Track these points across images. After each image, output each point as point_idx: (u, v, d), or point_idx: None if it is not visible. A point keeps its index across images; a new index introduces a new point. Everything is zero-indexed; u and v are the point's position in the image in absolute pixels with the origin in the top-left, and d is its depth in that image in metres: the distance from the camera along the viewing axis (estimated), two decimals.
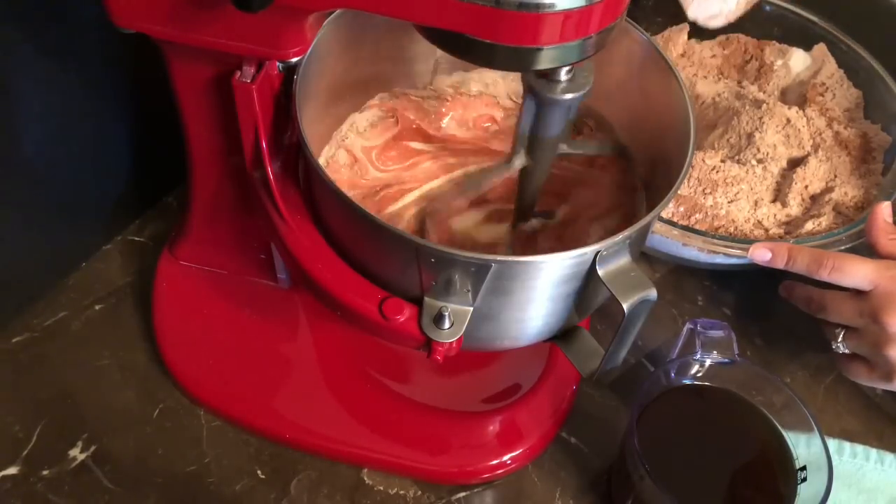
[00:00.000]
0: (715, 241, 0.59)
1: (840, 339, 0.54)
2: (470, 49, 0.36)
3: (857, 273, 0.51)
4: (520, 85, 0.58)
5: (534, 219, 0.51)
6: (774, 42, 0.76)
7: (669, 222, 0.60)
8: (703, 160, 0.65)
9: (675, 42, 0.77)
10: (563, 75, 0.40)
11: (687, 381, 0.52)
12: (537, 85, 0.41)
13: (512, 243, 0.51)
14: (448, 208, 0.51)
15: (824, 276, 0.52)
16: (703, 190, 0.64)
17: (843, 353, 0.55)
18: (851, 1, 0.78)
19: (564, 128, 0.44)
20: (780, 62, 0.75)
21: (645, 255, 0.66)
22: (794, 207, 0.64)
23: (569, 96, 0.41)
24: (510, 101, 0.59)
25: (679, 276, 0.66)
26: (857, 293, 0.52)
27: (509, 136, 0.57)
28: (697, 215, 0.63)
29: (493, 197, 0.52)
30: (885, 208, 0.56)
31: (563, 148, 0.47)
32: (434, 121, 0.56)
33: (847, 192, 0.65)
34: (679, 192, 0.51)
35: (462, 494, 0.54)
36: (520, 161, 0.47)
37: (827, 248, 0.58)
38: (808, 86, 0.74)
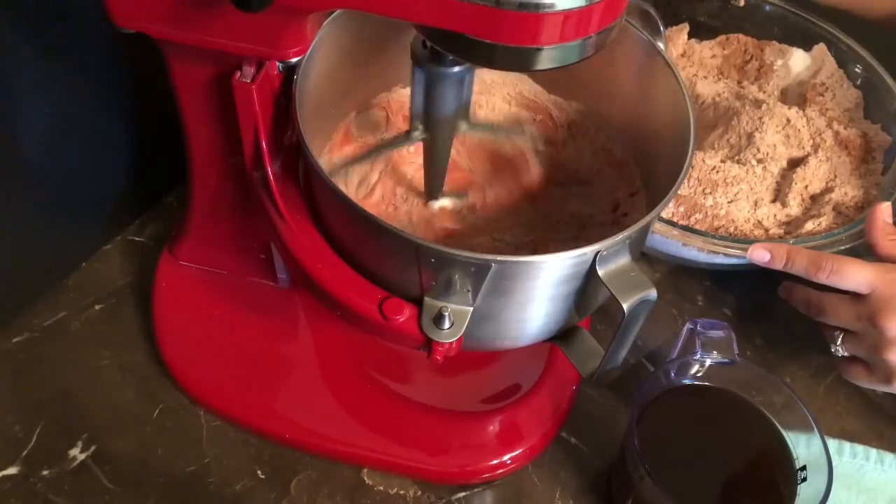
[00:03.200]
0: (715, 241, 0.59)
1: (839, 342, 0.54)
2: (470, 49, 0.36)
3: (855, 276, 0.51)
4: (522, 86, 0.59)
5: (446, 198, 0.52)
6: (774, 42, 0.76)
7: (669, 222, 0.60)
8: (703, 160, 0.65)
9: (675, 42, 0.77)
10: None
11: (687, 381, 0.51)
12: (424, 56, 0.41)
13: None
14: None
15: (823, 278, 0.52)
16: (703, 190, 0.64)
17: (843, 356, 0.55)
18: None
19: (457, 104, 0.44)
20: (780, 62, 0.75)
21: (645, 255, 0.66)
22: (794, 207, 0.64)
23: (456, 69, 0.41)
24: (506, 104, 0.59)
25: (679, 276, 0.66)
26: (856, 296, 0.52)
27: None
28: (697, 215, 0.63)
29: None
30: (884, 209, 0.56)
31: (463, 127, 0.47)
32: None
33: (847, 192, 0.65)
34: (679, 192, 0.51)
35: (462, 494, 0.54)
36: (417, 135, 0.47)
37: (827, 248, 0.58)
38: (808, 86, 0.74)
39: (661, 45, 0.48)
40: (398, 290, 0.43)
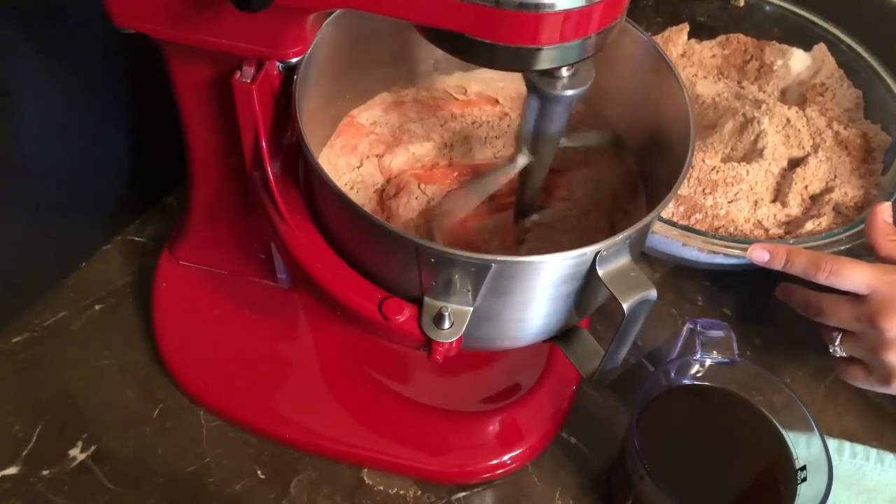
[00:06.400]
0: (715, 241, 0.59)
1: (837, 343, 0.54)
2: (470, 49, 0.36)
3: (854, 277, 0.51)
4: (519, 86, 0.59)
5: (535, 214, 0.51)
6: (774, 42, 0.76)
7: (669, 222, 0.60)
8: (703, 160, 0.65)
9: (675, 42, 0.77)
10: (565, 72, 0.41)
11: (687, 381, 0.52)
12: (540, 83, 0.41)
13: (510, 237, 0.51)
14: (455, 212, 0.51)
15: (822, 279, 0.52)
16: (703, 190, 0.64)
17: (841, 357, 0.54)
18: (851, 1, 0.78)
19: (565, 123, 0.45)
20: (780, 62, 0.75)
21: (645, 255, 0.66)
22: (794, 207, 0.64)
23: (570, 92, 0.41)
24: (499, 102, 0.59)
25: (679, 276, 0.66)
26: (855, 297, 0.52)
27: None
28: (697, 215, 0.63)
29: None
30: (885, 209, 0.56)
31: (563, 142, 0.47)
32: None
33: (847, 192, 0.65)
34: (679, 192, 0.51)
35: (462, 494, 0.54)
36: (523, 159, 0.47)
37: (827, 248, 0.58)
38: (808, 86, 0.74)
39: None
40: (398, 290, 0.43)
